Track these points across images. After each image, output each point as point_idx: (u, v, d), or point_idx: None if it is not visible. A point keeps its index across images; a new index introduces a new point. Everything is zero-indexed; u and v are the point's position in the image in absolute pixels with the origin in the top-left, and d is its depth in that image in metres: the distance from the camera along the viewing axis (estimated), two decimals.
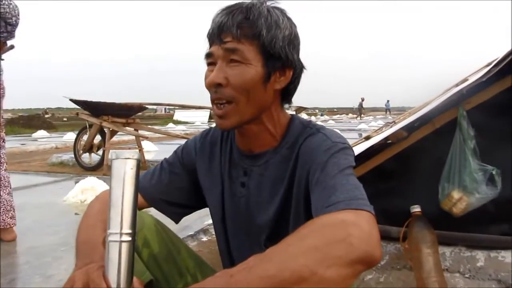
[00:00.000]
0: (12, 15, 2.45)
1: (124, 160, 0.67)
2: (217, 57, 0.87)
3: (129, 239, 0.65)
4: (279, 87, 0.91)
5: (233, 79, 0.85)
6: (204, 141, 1.06)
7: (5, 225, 2.57)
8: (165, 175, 1.04)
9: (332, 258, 0.63)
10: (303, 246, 0.64)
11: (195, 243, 2.48)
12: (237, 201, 0.98)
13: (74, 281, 0.66)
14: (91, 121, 5.67)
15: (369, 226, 0.69)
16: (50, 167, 6.20)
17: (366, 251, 0.65)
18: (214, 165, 1.02)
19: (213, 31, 0.88)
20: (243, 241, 0.99)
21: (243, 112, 0.87)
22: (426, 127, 1.94)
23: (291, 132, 0.94)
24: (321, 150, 0.86)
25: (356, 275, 0.66)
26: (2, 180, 2.57)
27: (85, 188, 3.83)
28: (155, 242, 0.95)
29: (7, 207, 2.57)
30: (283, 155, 0.93)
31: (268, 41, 0.86)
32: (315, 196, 0.81)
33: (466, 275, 1.81)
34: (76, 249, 0.84)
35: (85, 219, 0.92)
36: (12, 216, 2.61)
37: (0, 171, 2.55)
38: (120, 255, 0.64)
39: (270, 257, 0.64)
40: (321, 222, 0.70)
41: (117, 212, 0.65)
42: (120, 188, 0.66)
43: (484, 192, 1.79)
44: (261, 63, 0.87)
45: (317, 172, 0.83)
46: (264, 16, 0.86)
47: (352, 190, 0.77)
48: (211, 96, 0.89)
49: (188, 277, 0.98)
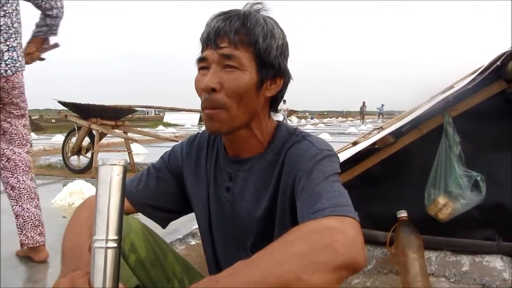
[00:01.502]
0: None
1: (110, 166, 0.67)
2: (211, 62, 0.87)
3: (115, 245, 0.65)
4: (269, 95, 0.92)
5: (227, 85, 0.86)
6: (191, 146, 1.06)
7: (33, 243, 2.22)
8: (152, 180, 1.04)
9: (317, 264, 0.64)
10: (289, 252, 0.65)
11: (183, 247, 2.47)
12: (223, 206, 0.98)
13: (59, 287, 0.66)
14: (80, 123, 5.62)
15: (353, 232, 0.70)
16: (38, 170, 6.12)
17: (351, 257, 0.66)
18: (201, 170, 1.02)
19: (209, 35, 0.87)
20: (229, 246, 1.00)
21: (234, 118, 0.88)
22: (413, 133, 1.97)
23: (277, 139, 0.95)
24: (307, 157, 0.87)
25: (340, 280, 0.67)
26: (28, 191, 2.24)
27: (73, 191, 3.79)
28: (142, 247, 0.95)
29: (35, 222, 2.23)
30: (268, 161, 0.94)
31: (263, 49, 0.87)
32: (300, 203, 0.81)
33: (451, 279, 1.83)
34: (62, 255, 0.84)
35: (71, 225, 0.92)
36: (41, 232, 2.25)
37: (26, 181, 2.24)
38: (105, 262, 0.64)
39: (256, 262, 0.65)
40: (306, 228, 0.71)
41: (103, 218, 0.65)
42: (107, 194, 0.66)
43: (469, 198, 1.82)
44: (255, 70, 0.88)
45: (303, 179, 0.84)
46: (260, 24, 0.88)
47: (337, 196, 0.78)
48: (203, 102, 0.88)
49: (175, 282, 0.98)
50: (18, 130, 2.24)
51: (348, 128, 19.41)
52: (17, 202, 2.21)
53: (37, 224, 2.24)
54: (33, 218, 2.23)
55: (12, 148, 2.22)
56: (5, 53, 2.10)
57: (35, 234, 2.23)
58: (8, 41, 2.11)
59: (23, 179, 2.22)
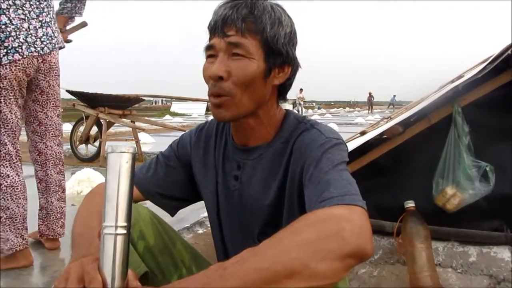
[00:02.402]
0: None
1: (119, 153, 0.67)
2: (219, 50, 0.87)
3: (124, 232, 0.66)
4: (277, 83, 0.92)
5: (235, 73, 0.86)
6: (199, 135, 1.06)
7: (54, 235, 2.22)
8: (161, 168, 1.04)
9: (324, 252, 0.64)
10: (296, 240, 0.65)
11: (190, 236, 2.49)
12: (231, 194, 0.99)
13: (69, 273, 0.66)
14: (88, 113, 5.65)
15: (361, 221, 0.70)
16: None
17: (358, 245, 0.66)
18: (209, 159, 1.03)
19: (216, 23, 0.87)
20: (237, 234, 1.00)
21: (241, 105, 0.88)
22: (422, 122, 1.95)
23: (285, 127, 0.95)
24: (315, 145, 0.87)
25: (347, 269, 0.67)
26: (54, 185, 2.19)
27: (81, 179, 3.83)
28: (151, 234, 0.96)
29: (57, 214, 2.21)
30: (277, 150, 0.94)
31: (271, 37, 0.87)
32: (308, 191, 0.82)
33: (458, 270, 1.83)
34: (72, 241, 0.85)
35: (81, 212, 0.92)
36: (62, 224, 2.24)
37: (53, 175, 2.18)
38: (115, 248, 0.65)
39: (264, 250, 0.65)
40: (314, 216, 0.71)
41: (112, 205, 0.66)
42: (116, 181, 0.67)
43: (477, 189, 1.81)
44: (262, 58, 0.87)
45: (311, 167, 0.84)
46: (268, 12, 0.87)
47: (345, 185, 0.78)
48: (210, 89, 0.88)
49: (183, 269, 0.99)
50: (53, 121, 2.16)
51: (356, 119, 19.34)
52: (43, 194, 2.20)
53: (59, 216, 2.23)
54: (56, 211, 2.21)
55: (45, 141, 2.15)
56: (39, 30, 1.96)
57: (56, 226, 2.22)
58: (40, 16, 1.98)
59: (51, 173, 2.19)
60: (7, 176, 1.94)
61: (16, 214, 1.96)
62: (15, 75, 1.90)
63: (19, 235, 1.97)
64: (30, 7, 1.95)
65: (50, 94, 2.11)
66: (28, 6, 1.94)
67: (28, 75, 1.96)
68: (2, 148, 1.93)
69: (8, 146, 1.94)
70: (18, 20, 1.89)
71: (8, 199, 1.94)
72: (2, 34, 1.85)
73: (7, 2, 1.87)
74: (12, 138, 1.96)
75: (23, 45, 1.90)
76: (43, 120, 2.13)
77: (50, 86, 2.10)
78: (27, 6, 1.93)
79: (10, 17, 1.88)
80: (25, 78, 1.95)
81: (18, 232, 1.97)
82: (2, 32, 1.85)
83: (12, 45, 1.87)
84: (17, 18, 1.89)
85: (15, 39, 1.88)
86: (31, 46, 1.93)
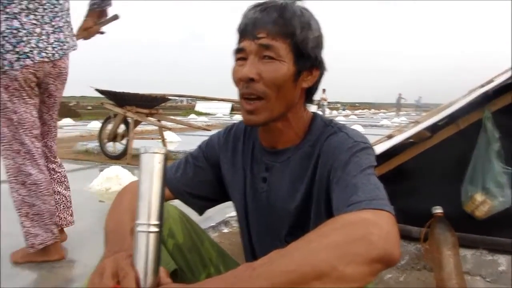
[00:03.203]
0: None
1: (152, 154, 0.69)
2: (249, 53, 0.88)
3: (157, 230, 0.68)
4: (306, 86, 0.93)
5: (266, 75, 0.87)
6: (227, 136, 1.08)
7: (66, 223, 2.27)
8: (190, 168, 1.06)
9: (352, 255, 0.64)
10: (324, 243, 0.66)
11: (216, 234, 2.51)
12: (259, 196, 1.00)
13: (104, 268, 0.69)
14: (116, 111, 5.77)
15: (389, 226, 0.70)
16: (76, 155, 6.34)
17: (386, 250, 0.66)
18: (237, 160, 1.04)
19: (247, 26, 0.89)
20: (264, 235, 1.02)
21: (273, 108, 0.89)
22: (450, 127, 1.92)
23: (313, 130, 0.96)
24: (343, 149, 0.87)
25: (375, 273, 0.67)
26: (57, 174, 2.24)
27: (109, 176, 3.91)
28: (180, 232, 0.98)
29: (66, 203, 2.26)
30: (305, 153, 0.95)
31: (300, 41, 0.88)
32: (336, 195, 0.82)
33: (487, 279, 1.79)
34: (105, 237, 0.87)
35: (113, 209, 0.95)
36: (72, 213, 2.29)
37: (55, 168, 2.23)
38: (147, 245, 0.67)
39: (292, 252, 0.66)
40: (342, 220, 0.71)
41: (145, 204, 0.68)
42: (148, 181, 0.69)
43: (507, 196, 1.77)
44: (292, 61, 0.89)
45: (339, 171, 0.84)
46: (298, 16, 0.88)
47: (373, 190, 0.78)
48: (241, 91, 0.90)
49: (211, 267, 1.01)
50: (55, 122, 2.22)
51: (381, 121, 19.08)
52: None
53: (69, 205, 2.29)
54: (65, 199, 2.26)
55: (46, 141, 2.19)
56: (51, 35, 1.98)
57: (67, 215, 2.28)
58: (53, 21, 1.99)
59: (53, 167, 2.24)
60: (29, 174, 1.99)
61: (42, 210, 2.02)
62: (26, 77, 1.93)
63: (49, 230, 2.04)
64: (43, 11, 1.95)
65: (56, 97, 2.16)
66: (41, 11, 1.95)
67: (38, 78, 1.99)
68: (22, 148, 1.98)
69: (28, 145, 1.99)
70: (30, 24, 1.91)
71: (33, 196, 2.00)
72: (14, 39, 1.88)
73: (19, 7, 1.89)
74: (31, 137, 2.00)
75: (34, 50, 1.92)
76: (47, 121, 2.18)
77: (58, 90, 2.14)
78: (40, 10, 1.94)
79: (22, 22, 1.89)
80: (35, 80, 1.98)
81: (47, 227, 2.03)
82: (14, 37, 1.88)
83: (23, 50, 1.90)
84: (29, 23, 1.91)
85: (27, 45, 1.90)
86: (42, 52, 1.95)
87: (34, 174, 2.01)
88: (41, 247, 2.02)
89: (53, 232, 2.05)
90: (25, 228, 2.01)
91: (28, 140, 2.00)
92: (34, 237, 2.01)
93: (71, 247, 2.27)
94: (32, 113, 2.01)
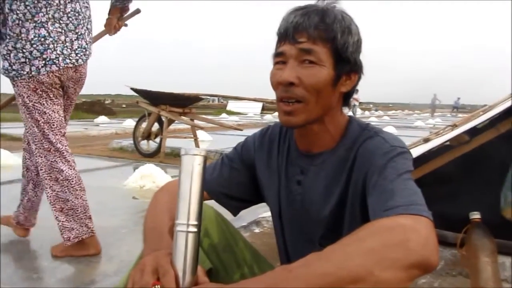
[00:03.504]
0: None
1: (192, 156, 0.72)
2: (289, 56, 0.88)
3: (195, 230, 0.70)
4: (344, 90, 0.93)
5: (306, 79, 0.87)
6: (263, 138, 1.09)
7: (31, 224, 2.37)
8: (226, 170, 1.08)
9: (389, 260, 0.64)
10: (361, 247, 0.66)
11: (247, 234, 2.52)
12: (293, 198, 1.00)
13: (145, 265, 0.71)
14: (150, 110, 5.88)
15: (427, 232, 0.69)
16: (111, 152, 6.52)
17: (423, 256, 0.66)
18: (272, 162, 1.05)
19: (287, 30, 0.89)
20: (297, 237, 1.02)
21: (311, 112, 0.89)
22: (490, 131, 1.87)
23: (349, 134, 0.96)
24: (380, 153, 0.86)
25: (412, 279, 0.67)
26: None
27: (144, 174, 4.00)
28: (215, 232, 0.99)
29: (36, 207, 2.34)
30: (340, 156, 0.94)
31: (341, 45, 0.88)
32: (372, 199, 0.82)
33: None
34: (144, 235, 0.90)
35: (152, 208, 0.97)
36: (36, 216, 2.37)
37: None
38: (186, 244, 0.69)
39: (329, 255, 0.67)
40: (380, 225, 0.71)
41: (185, 204, 0.70)
42: (188, 182, 0.71)
43: None
44: (332, 66, 0.89)
45: (375, 175, 0.83)
46: (339, 20, 0.88)
47: (411, 195, 0.77)
48: (280, 94, 0.90)
49: (245, 268, 1.02)
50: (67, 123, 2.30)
51: (415, 122, 18.67)
52: None
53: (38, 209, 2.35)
54: None
55: None
56: (74, 42, 2.09)
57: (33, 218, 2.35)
58: (77, 29, 2.10)
59: None
60: (61, 171, 2.09)
61: (76, 205, 2.10)
62: (52, 80, 2.05)
63: (84, 224, 2.12)
64: (67, 19, 2.07)
65: (73, 100, 2.29)
66: (65, 19, 2.07)
67: (62, 81, 2.11)
68: (52, 147, 2.08)
69: (56, 144, 2.09)
70: (56, 33, 2.03)
71: (66, 192, 2.09)
72: (41, 47, 2.00)
73: (46, 16, 2.01)
74: (60, 136, 2.11)
75: (59, 57, 2.04)
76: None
77: (75, 93, 2.26)
78: (64, 19, 2.06)
79: (48, 30, 2.01)
80: (59, 83, 2.10)
81: (81, 221, 2.11)
82: (41, 44, 2.00)
83: (50, 57, 2.02)
84: (55, 31, 2.03)
85: (53, 51, 2.03)
86: (66, 58, 2.06)
87: (65, 170, 2.10)
88: (76, 241, 2.10)
89: (88, 226, 2.13)
90: (60, 222, 2.10)
91: (57, 138, 2.10)
92: (69, 231, 2.09)
93: (107, 243, 2.34)
94: (59, 112, 2.13)
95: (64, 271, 2.03)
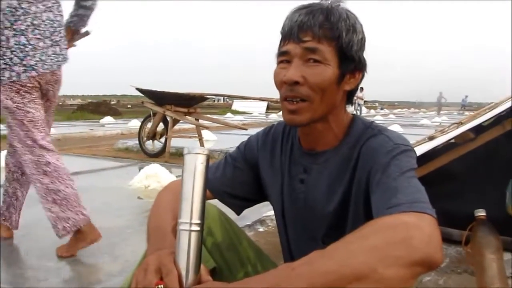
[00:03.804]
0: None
1: (195, 155, 0.72)
2: (294, 55, 0.88)
3: (198, 229, 0.70)
4: (348, 88, 0.93)
5: (311, 78, 0.87)
6: (266, 137, 1.09)
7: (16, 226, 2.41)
8: (229, 169, 1.08)
9: (393, 258, 0.64)
10: (364, 245, 0.66)
11: (251, 233, 2.53)
12: (296, 197, 1.00)
13: (148, 264, 0.72)
14: (155, 110, 5.89)
15: (430, 229, 0.69)
16: (116, 152, 6.55)
17: (427, 253, 0.65)
18: (275, 161, 1.05)
19: (292, 29, 0.88)
20: (301, 236, 1.02)
21: (316, 110, 0.89)
22: (495, 129, 1.86)
23: (352, 132, 0.96)
24: (383, 151, 0.86)
25: (415, 276, 0.67)
26: None
27: (149, 174, 4.00)
28: (219, 231, 1.00)
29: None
30: (344, 155, 0.94)
31: (346, 44, 0.88)
32: (376, 197, 0.81)
33: None
34: (148, 234, 0.90)
35: (155, 208, 0.98)
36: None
37: None
38: (189, 243, 0.70)
39: (331, 253, 0.66)
40: (383, 222, 0.71)
41: (187, 203, 0.71)
42: (191, 181, 0.71)
43: None
44: (337, 65, 0.88)
45: (378, 173, 0.83)
46: (343, 19, 0.88)
47: (414, 193, 0.77)
48: (284, 93, 0.90)
49: (249, 266, 1.02)
50: (50, 125, 2.39)
51: (421, 120, 18.58)
52: None
53: None
54: None
55: None
56: (50, 48, 2.17)
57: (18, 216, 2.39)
58: (52, 35, 2.18)
59: None
60: (48, 163, 2.14)
61: (68, 194, 2.13)
62: (33, 84, 2.13)
63: (79, 212, 2.14)
64: (44, 26, 2.16)
65: (53, 102, 2.37)
66: (43, 26, 2.15)
67: (41, 85, 2.19)
68: (36, 144, 2.13)
69: (40, 141, 2.14)
70: (35, 40, 2.12)
71: (56, 182, 2.13)
72: (21, 54, 2.09)
73: (25, 24, 2.09)
74: (44, 134, 2.17)
75: (38, 63, 2.13)
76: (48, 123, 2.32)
77: (54, 96, 2.34)
78: (42, 26, 2.14)
79: (28, 38, 2.09)
80: (39, 86, 2.18)
81: (76, 209, 2.13)
82: (21, 52, 2.08)
83: (29, 63, 2.10)
84: (34, 38, 2.11)
85: (32, 58, 2.11)
86: (45, 64, 2.15)
87: (53, 162, 2.15)
88: (74, 229, 2.12)
89: (83, 213, 2.15)
90: (54, 214, 2.12)
91: (42, 136, 2.16)
92: (65, 221, 2.11)
93: (112, 243, 2.35)
94: (41, 112, 2.20)
95: (70, 271, 2.05)
